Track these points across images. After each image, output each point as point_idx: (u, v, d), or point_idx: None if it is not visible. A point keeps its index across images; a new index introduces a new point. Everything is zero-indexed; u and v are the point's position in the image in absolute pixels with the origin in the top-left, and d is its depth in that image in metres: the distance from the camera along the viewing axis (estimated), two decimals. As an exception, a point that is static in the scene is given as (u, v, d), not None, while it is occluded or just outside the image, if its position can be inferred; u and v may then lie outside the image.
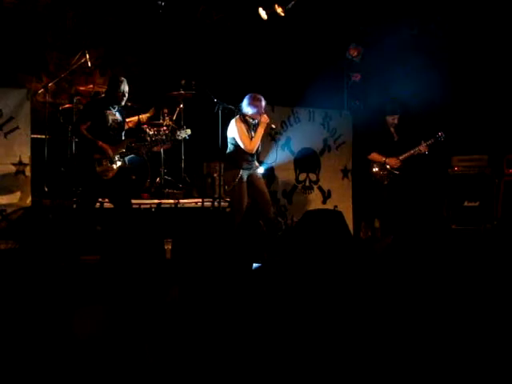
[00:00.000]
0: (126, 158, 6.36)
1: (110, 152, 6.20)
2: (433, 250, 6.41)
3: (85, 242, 6.42)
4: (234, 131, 6.42)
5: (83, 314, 3.87)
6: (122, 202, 6.43)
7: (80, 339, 3.83)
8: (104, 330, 3.81)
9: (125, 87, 6.26)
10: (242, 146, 6.40)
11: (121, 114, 6.38)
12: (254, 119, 6.45)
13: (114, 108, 6.29)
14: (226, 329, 3.32)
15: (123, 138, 6.43)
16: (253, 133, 6.47)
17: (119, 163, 6.27)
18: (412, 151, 7.18)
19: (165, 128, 7.48)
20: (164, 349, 3.32)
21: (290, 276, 4.75)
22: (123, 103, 6.36)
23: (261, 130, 6.43)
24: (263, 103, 6.49)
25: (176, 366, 3.32)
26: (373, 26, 8.63)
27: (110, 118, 6.26)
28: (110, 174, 6.24)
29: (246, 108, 6.46)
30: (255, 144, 6.44)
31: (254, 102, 6.45)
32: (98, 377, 3.64)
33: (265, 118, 6.42)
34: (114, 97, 6.27)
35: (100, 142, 6.15)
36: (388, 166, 7.26)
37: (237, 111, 6.51)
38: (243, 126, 6.42)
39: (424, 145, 7.14)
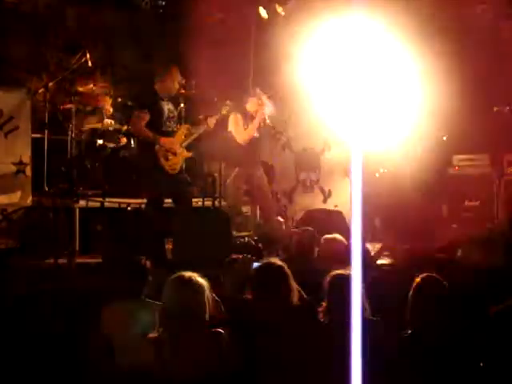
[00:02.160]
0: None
1: (175, 144, 6.07)
2: (433, 249, 6.39)
3: (86, 242, 6.43)
4: (230, 123, 6.50)
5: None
6: (183, 198, 6.27)
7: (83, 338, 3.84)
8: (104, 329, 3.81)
9: (177, 76, 6.17)
10: (235, 136, 6.47)
11: (173, 103, 6.26)
12: (250, 113, 6.56)
13: (166, 97, 6.18)
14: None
15: (176, 128, 6.29)
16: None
17: (183, 154, 6.17)
18: None
19: None
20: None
21: (289, 276, 4.74)
22: (174, 92, 6.24)
23: (255, 123, 6.49)
24: (260, 97, 6.57)
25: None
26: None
27: (166, 108, 6.13)
28: (178, 167, 6.15)
29: (247, 104, 6.57)
30: (248, 135, 6.49)
31: (250, 96, 6.56)
32: (97, 376, 3.64)
33: (261, 113, 6.50)
34: (166, 87, 6.12)
35: (162, 139, 6.00)
36: None
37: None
38: (239, 118, 6.49)
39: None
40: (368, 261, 4.89)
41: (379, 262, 5.94)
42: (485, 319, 3.47)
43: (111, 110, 7.79)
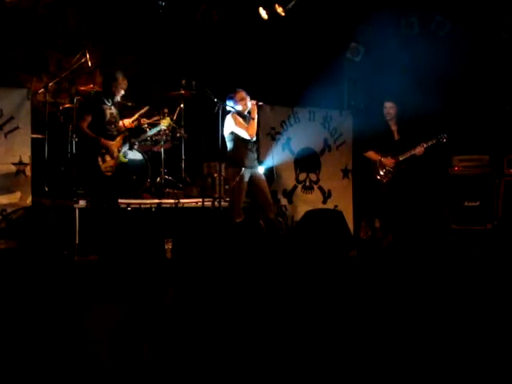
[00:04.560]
0: (126, 153, 6.42)
1: (114, 148, 6.27)
2: (433, 249, 6.41)
3: (85, 242, 6.43)
4: (231, 125, 6.55)
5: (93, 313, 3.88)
6: (113, 200, 6.45)
7: (82, 338, 3.84)
8: (104, 329, 3.81)
9: (121, 83, 6.32)
10: (242, 134, 6.50)
11: (116, 108, 6.47)
12: (245, 111, 6.60)
13: (109, 102, 6.36)
14: (225, 329, 3.33)
15: (117, 132, 6.49)
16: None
17: (120, 159, 6.32)
18: (408, 153, 7.17)
19: (165, 128, 7.48)
20: (163, 349, 3.32)
21: (290, 275, 4.76)
22: (119, 98, 6.45)
23: (254, 114, 6.58)
24: (244, 93, 6.65)
25: (175, 366, 3.32)
26: (373, 26, 8.63)
27: (108, 112, 6.32)
28: (112, 170, 6.29)
29: (236, 107, 6.62)
30: (254, 128, 6.59)
31: (237, 98, 6.65)
32: (98, 376, 3.64)
33: (252, 104, 6.59)
34: (110, 92, 6.34)
35: (102, 140, 6.22)
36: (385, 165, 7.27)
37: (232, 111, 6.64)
38: (239, 118, 6.56)
39: (420, 148, 7.11)
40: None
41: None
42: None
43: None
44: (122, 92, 6.45)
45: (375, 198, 7.52)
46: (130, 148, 6.58)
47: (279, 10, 7.91)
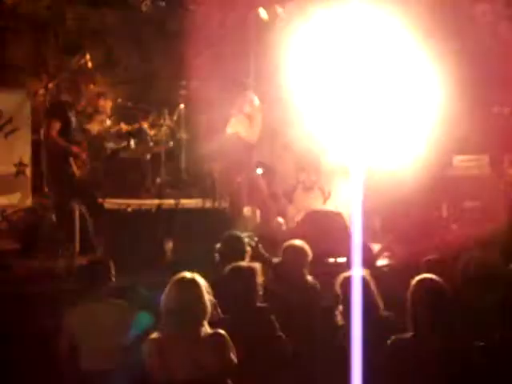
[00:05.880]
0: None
1: (84, 155, 6.30)
2: (432, 250, 6.40)
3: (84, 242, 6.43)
4: (235, 124, 6.53)
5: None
6: (93, 203, 6.48)
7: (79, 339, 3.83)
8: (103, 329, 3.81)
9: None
10: (242, 136, 6.50)
11: (74, 115, 6.49)
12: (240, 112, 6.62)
13: (71, 109, 6.37)
14: (225, 329, 3.33)
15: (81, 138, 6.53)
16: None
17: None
18: None
19: (165, 128, 7.49)
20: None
21: (290, 277, 4.76)
22: (77, 106, 6.45)
23: (253, 115, 6.55)
24: (236, 96, 6.62)
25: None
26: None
27: (73, 119, 6.33)
28: (81, 175, 6.33)
29: (231, 110, 6.61)
30: (255, 128, 6.57)
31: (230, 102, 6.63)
32: (97, 376, 3.64)
33: (249, 104, 6.56)
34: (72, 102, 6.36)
35: (74, 148, 6.22)
36: None
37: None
38: (243, 119, 6.56)
39: None
40: (371, 260, 4.89)
41: (379, 262, 5.94)
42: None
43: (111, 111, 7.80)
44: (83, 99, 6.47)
45: (375, 198, 7.52)
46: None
47: (279, 10, 7.91)
